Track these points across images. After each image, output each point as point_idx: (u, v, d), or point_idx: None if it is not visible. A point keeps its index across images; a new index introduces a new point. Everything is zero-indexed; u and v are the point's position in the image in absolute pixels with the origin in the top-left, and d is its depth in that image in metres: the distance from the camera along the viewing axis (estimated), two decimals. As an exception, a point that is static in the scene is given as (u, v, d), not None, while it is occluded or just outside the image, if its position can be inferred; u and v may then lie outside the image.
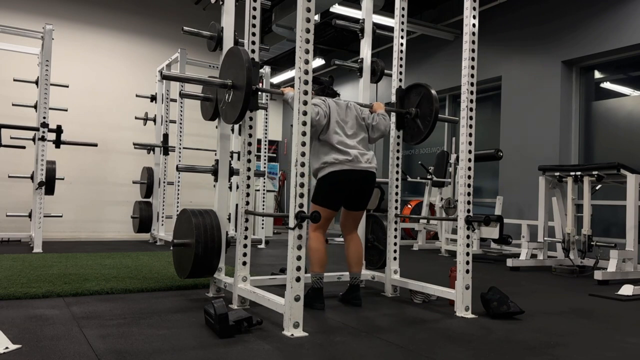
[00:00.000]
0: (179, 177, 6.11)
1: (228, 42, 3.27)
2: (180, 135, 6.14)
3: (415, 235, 6.82)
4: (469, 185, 2.89)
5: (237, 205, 3.00)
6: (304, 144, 2.33)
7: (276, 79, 9.73)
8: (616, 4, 5.53)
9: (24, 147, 5.93)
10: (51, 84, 5.43)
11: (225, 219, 3.16)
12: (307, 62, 2.33)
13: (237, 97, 2.72)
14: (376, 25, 3.66)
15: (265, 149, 6.70)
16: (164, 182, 6.37)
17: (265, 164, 6.68)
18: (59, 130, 5.42)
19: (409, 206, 7.40)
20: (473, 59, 2.92)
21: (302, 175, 2.32)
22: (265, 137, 6.76)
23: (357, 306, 2.97)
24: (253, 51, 2.95)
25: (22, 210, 6.22)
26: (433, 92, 3.25)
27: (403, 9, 3.47)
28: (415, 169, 7.89)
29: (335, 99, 3.12)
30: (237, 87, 2.73)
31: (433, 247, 6.56)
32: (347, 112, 3.06)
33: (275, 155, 10.77)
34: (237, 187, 4.66)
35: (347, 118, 3.04)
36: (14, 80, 6.05)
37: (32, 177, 5.86)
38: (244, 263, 2.88)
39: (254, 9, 2.98)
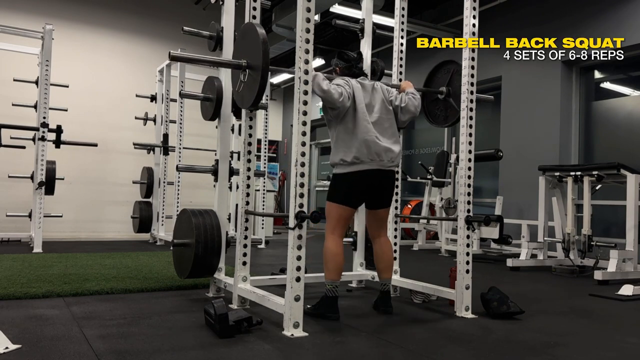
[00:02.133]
0: (179, 177, 6.10)
1: (228, 42, 3.27)
2: (180, 135, 6.14)
3: (415, 235, 6.82)
4: (469, 185, 2.89)
5: (237, 205, 2.99)
6: (304, 144, 2.32)
7: (276, 79, 9.73)
8: (616, 4, 5.52)
9: (24, 147, 5.93)
10: (51, 84, 5.43)
11: (225, 219, 3.16)
12: (307, 62, 2.33)
13: (253, 77, 2.56)
14: (376, 25, 3.65)
15: (265, 149, 6.70)
16: (164, 182, 6.36)
17: (265, 164, 6.68)
18: (59, 130, 5.41)
19: (409, 206, 7.39)
20: (473, 58, 2.91)
21: (302, 175, 2.32)
22: (265, 137, 6.75)
23: (387, 314, 2.80)
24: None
25: (22, 210, 6.21)
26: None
27: (403, 9, 3.48)
28: (415, 169, 7.88)
29: (360, 78, 2.87)
30: (252, 67, 2.56)
31: (433, 247, 6.55)
32: (374, 95, 2.81)
33: (275, 155, 10.76)
34: (237, 187, 4.64)
35: (374, 102, 2.79)
36: (14, 80, 6.04)
37: (32, 177, 5.86)
38: (244, 263, 2.87)
39: (254, 8, 2.98)
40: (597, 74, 6.08)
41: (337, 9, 6.55)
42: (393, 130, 2.83)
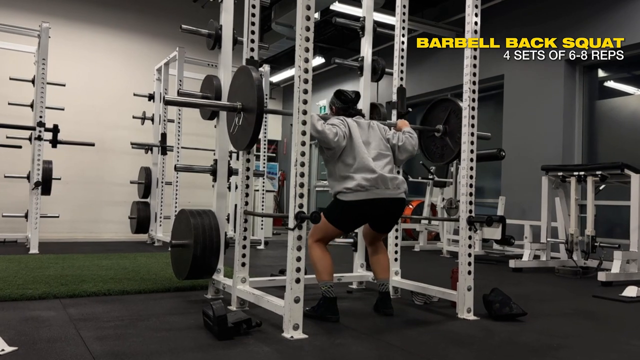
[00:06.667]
0: (177, 177, 6.05)
1: (227, 41, 3.26)
2: (179, 135, 6.09)
3: (417, 236, 6.77)
4: (471, 186, 2.87)
5: (236, 205, 2.97)
6: (303, 143, 2.31)
7: (276, 78, 9.70)
8: (616, 4, 5.50)
9: (20, 147, 5.90)
10: (48, 83, 5.38)
11: (224, 219, 3.15)
12: (307, 60, 2.31)
13: (248, 120, 2.58)
14: (377, 23, 3.62)
15: (264, 148, 6.66)
16: (162, 182, 6.32)
17: (264, 163, 6.64)
18: (55, 129, 5.37)
19: (410, 206, 7.35)
20: (475, 57, 2.89)
21: (302, 175, 2.30)
22: (265, 137, 6.71)
23: (388, 315, 2.78)
24: (252, 49, 2.93)
25: (18, 211, 6.16)
26: (461, 104, 3.14)
27: (404, 6, 3.45)
28: (416, 168, 7.85)
29: (355, 118, 2.88)
30: (247, 110, 2.59)
31: (434, 248, 6.51)
32: (370, 133, 2.82)
33: (274, 155, 10.74)
34: (236, 187, 4.62)
35: (370, 139, 2.79)
36: (10, 79, 6.01)
37: (28, 177, 5.79)
38: (243, 264, 2.86)
39: (253, 6, 2.96)
40: (601, 73, 6.06)
41: (337, 6, 6.52)
42: (392, 167, 2.82)
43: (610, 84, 6.07)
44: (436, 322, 2.72)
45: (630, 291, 3.49)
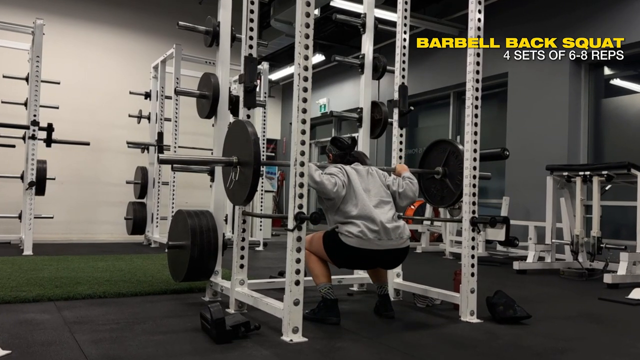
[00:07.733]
0: (174, 177, 6.01)
1: (225, 38, 3.24)
2: (176, 134, 6.05)
3: (419, 237, 6.74)
4: (474, 186, 2.83)
5: (234, 206, 2.93)
6: (303, 142, 2.28)
7: (275, 76, 9.66)
8: (616, 3, 5.48)
9: (13, 146, 5.88)
10: (42, 81, 5.33)
11: (221, 220, 3.13)
12: (306, 58, 2.29)
13: (244, 174, 2.55)
14: (378, 20, 3.59)
15: (263, 147, 6.61)
16: (159, 182, 6.30)
17: (263, 163, 6.59)
18: (49, 128, 5.33)
19: (412, 207, 7.30)
20: (478, 54, 2.85)
21: (302, 175, 2.28)
22: (264, 136, 6.68)
23: (389, 318, 2.77)
24: (251, 47, 2.90)
25: (11, 211, 6.12)
26: (460, 147, 3.11)
27: (406, 3, 3.42)
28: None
29: (354, 164, 2.85)
30: (243, 164, 2.56)
31: (437, 250, 6.49)
32: (369, 179, 2.78)
33: (273, 154, 10.69)
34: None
35: (370, 186, 2.75)
36: (4, 76, 5.98)
37: (22, 177, 5.76)
38: (242, 266, 2.84)
39: (252, 3, 2.92)
40: (607, 71, 6.04)
41: (337, 2, 6.51)
42: (394, 213, 2.76)
43: (616, 82, 6.05)
44: (438, 325, 2.70)
45: (636, 293, 3.47)
